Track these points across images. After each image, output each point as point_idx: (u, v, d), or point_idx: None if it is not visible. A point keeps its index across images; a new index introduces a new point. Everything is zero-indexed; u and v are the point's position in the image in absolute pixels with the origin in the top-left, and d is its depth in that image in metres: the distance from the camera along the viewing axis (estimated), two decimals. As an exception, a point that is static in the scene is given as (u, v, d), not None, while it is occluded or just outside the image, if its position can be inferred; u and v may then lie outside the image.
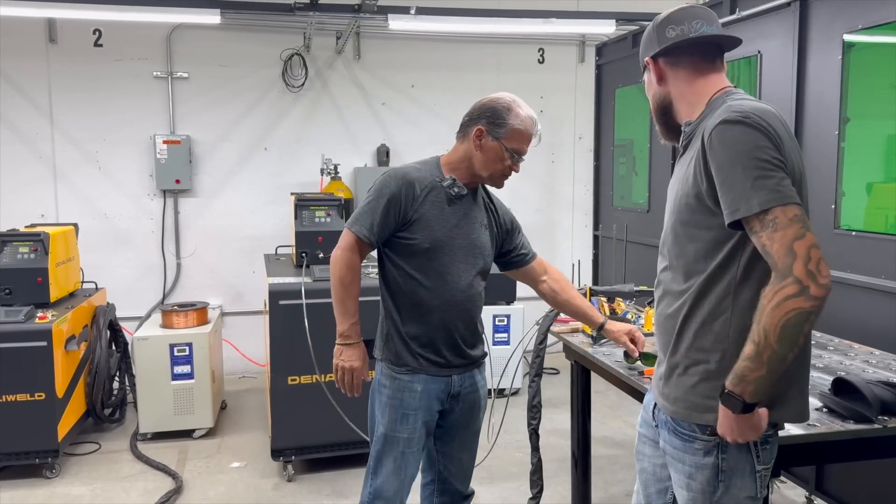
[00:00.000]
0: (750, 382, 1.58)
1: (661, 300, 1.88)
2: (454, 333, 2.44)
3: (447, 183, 2.42)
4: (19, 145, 5.72)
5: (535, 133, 2.47)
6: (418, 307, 2.39)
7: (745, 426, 1.64)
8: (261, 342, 5.23)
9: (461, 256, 2.43)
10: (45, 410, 4.06)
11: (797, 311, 1.50)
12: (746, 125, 1.59)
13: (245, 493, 3.98)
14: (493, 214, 2.61)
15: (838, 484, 3.50)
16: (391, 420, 2.40)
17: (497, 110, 2.42)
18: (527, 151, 2.49)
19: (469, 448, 2.63)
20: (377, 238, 2.37)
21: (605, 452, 4.47)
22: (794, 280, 1.50)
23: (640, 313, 3.50)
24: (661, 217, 1.94)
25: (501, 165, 2.44)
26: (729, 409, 1.63)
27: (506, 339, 5.53)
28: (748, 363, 1.58)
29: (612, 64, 5.89)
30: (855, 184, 3.54)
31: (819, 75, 3.58)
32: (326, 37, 6.12)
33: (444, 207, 2.41)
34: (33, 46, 5.69)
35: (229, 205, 6.11)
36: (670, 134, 1.94)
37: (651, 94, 1.93)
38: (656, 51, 1.86)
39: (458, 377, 2.49)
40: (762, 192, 1.55)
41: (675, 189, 1.81)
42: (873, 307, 3.27)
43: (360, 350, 2.40)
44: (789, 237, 1.52)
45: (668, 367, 1.83)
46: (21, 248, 4.30)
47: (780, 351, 1.53)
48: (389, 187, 2.36)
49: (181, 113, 5.99)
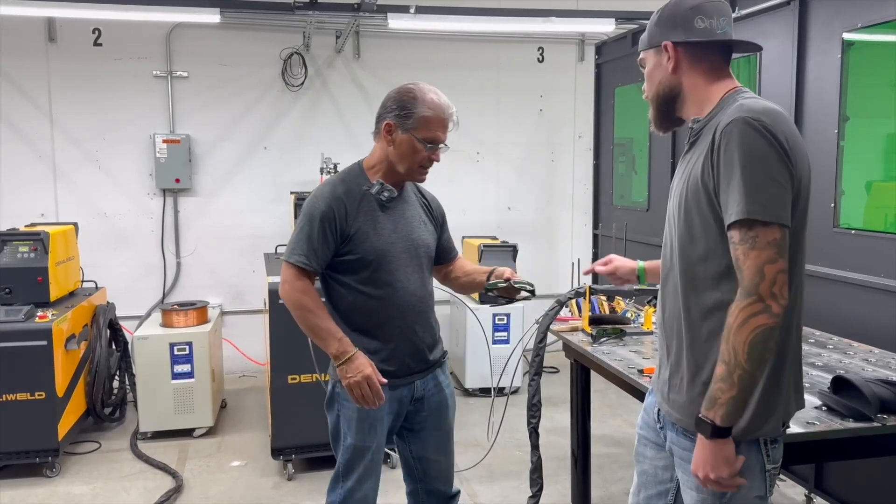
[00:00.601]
0: (721, 405, 1.61)
1: (664, 301, 1.86)
2: (413, 339, 2.39)
3: (375, 189, 2.35)
4: (19, 144, 5.72)
5: (450, 117, 2.33)
6: (371, 321, 2.33)
7: (719, 459, 1.64)
8: (261, 341, 5.23)
9: (406, 260, 2.37)
10: (46, 409, 4.07)
11: (763, 328, 1.56)
12: (756, 130, 1.59)
13: (245, 491, 3.99)
14: (427, 207, 2.55)
15: (838, 482, 3.50)
16: (359, 432, 2.36)
17: (402, 101, 2.30)
18: (444, 139, 2.36)
19: (444, 449, 2.57)
20: (319, 264, 2.29)
21: (605, 451, 4.48)
22: (757, 298, 1.56)
23: (639, 312, 3.50)
24: (660, 216, 1.93)
25: (418, 158, 2.33)
26: (701, 433, 1.65)
27: (505, 337, 5.53)
28: (720, 384, 1.61)
29: (612, 63, 5.89)
30: (854, 182, 3.54)
31: (818, 74, 3.58)
32: (326, 36, 6.12)
33: (378, 215, 2.34)
34: (33, 46, 5.69)
35: (229, 204, 6.11)
36: (665, 123, 1.90)
37: (658, 79, 1.84)
38: (683, 39, 1.77)
39: (420, 381, 2.45)
40: (753, 204, 1.57)
41: (680, 187, 1.79)
42: (873, 306, 3.27)
43: (360, 359, 2.27)
44: (762, 259, 1.57)
45: (671, 372, 1.82)
46: (21, 247, 4.31)
47: (749, 369, 1.58)
48: (319, 208, 2.29)
49: (181, 112, 5.99)
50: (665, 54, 1.80)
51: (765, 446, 1.74)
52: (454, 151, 7.25)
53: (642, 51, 1.89)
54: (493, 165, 6.67)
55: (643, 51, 1.89)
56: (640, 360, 2.86)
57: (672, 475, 1.95)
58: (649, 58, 1.86)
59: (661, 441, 1.94)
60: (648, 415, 2.01)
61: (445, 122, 2.32)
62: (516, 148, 6.71)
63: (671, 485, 1.95)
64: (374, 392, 2.26)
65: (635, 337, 3.23)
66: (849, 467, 3.41)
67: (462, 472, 4.17)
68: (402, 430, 2.52)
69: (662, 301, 1.88)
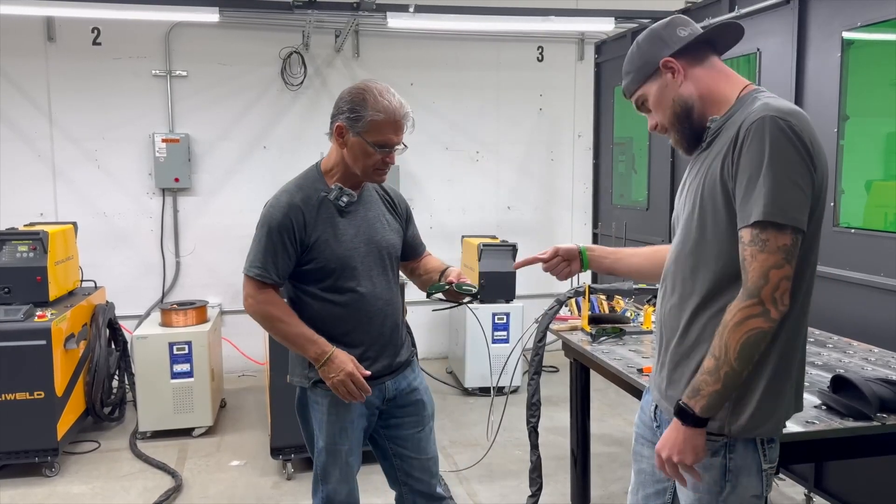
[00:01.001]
0: (704, 397, 1.64)
1: (666, 298, 1.85)
2: (382, 342, 2.36)
3: (334, 195, 2.29)
4: (18, 144, 5.72)
5: (403, 118, 2.24)
6: (339, 328, 2.28)
7: (688, 445, 1.67)
8: (260, 341, 5.22)
9: (370, 263, 2.33)
10: (45, 409, 4.06)
11: (757, 331, 1.58)
12: (782, 130, 1.57)
13: (245, 491, 3.98)
14: (390, 204, 2.49)
15: (837, 481, 3.50)
16: (330, 434, 2.34)
17: (353, 103, 2.22)
18: (398, 141, 2.28)
19: (425, 450, 2.53)
20: (280, 275, 2.26)
21: (605, 450, 4.48)
22: (758, 301, 1.58)
23: (639, 311, 3.50)
24: (660, 215, 1.93)
25: (371, 161, 2.26)
26: (679, 420, 1.67)
27: (505, 337, 5.53)
28: (706, 377, 1.64)
29: (612, 62, 5.89)
30: (854, 181, 3.54)
31: (818, 73, 3.58)
32: (325, 35, 6.11)
33: (338, 221, 2.29)
34: (32, 45, 5.68)
35: (228, 203, 6.11)
36: (693, 142, 1.82)
37: (670, 99, 1.80)
38: (675, 49, 1.77)
39: (391, 382, 2.42)
40: (771, 206, 1.56)
41: (695, 186, 1.75)
42: (872, 305, 3.27)
43: (340, 356, 2.23)
44: (769, 263, 1.57)
45: (670, 370, 1.81)
46: (20, 246, 4.30)
47: (737, 368, 1.60)
48: (276, 219, 2.24)
49: (180, 111, 5.99)
50: (668, 73, 1.78)
51: (762, 446, 1.73)
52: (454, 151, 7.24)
53: (637, 89, 1.86)
54: (492, 165, 6.67)
55: (638, 89, 1.85)
56: (640, 359, 2.86)
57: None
58: (650, 89, 1.83)
59: (658, 439, 1.93)
60: (645, 413, 2.01)
61: (398, 124, 2.24)
62: (516, 147, 6.71)
63: (668, 483, 1.95)
64: (359, 386, 2.24)
65: (635, 336, 3.23)
66: (848, 466, 3.41)
67: (462, 471, 4.17)
68: (380, 430, 2.49)
69: (663, 299, 1.87)
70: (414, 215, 2.68)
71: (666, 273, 1.89)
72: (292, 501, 3.85)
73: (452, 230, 6.42)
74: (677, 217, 1.87)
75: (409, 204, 2.62)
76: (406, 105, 2.27)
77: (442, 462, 4.30)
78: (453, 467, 4.24)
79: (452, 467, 4.24)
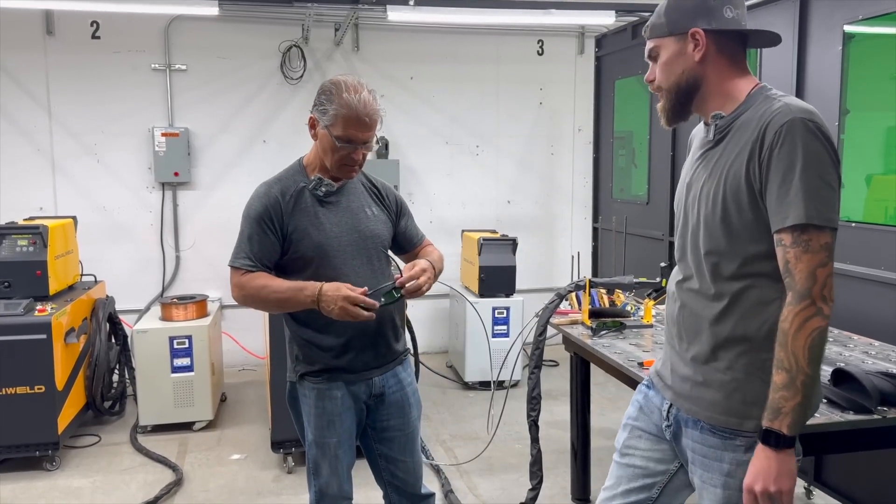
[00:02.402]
0: (787, 414, 1.58)
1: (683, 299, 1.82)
2: (366, 333, 2.33)
3: (312, 184, 2.30)
4: (17, 138, 5.71)
5: (369, 116, 2.20)
6: (322, 318, 2.24)
7: (783, 470, 1.59)
8: (261, 335, 5.22)
9: (352, 253, 2.31)
10: (45, 403, 4.06)
11: (818, 330, 1.57)
12: (812, 132, 1.57)
13: (245, 485, 3.99)
14: (378, 196, 2.47)
15: (838, 475, 3.51)
16: (317, 428, 2.34)
17: (323, 95, 2.23)
18: (364, 139, 2.24)
19: (410, 450, 2.51)
20: (264, 261, 2.27)
21: (605, 444, 4.48)
22: (811, 301, 1.57)
23: (639, 305, 3.50)
24: (660, 209, 1.91)
25: (337, 156, 2.24)
26: (768, 446, 1.60)
27: (505, 331, 5.53)
28: (783, 392, 1.58)
29: (612, 55, 5.87)
30: (854, 175, 3.53)
31: (819, 66, 3.57)
32: (325, 28, 6.09)
33: (317, 210, 2.29)
34: (31, 38, 5.66)
35: (228, 197, 6.09)
36: (678, 117, 1.81)
37: (681, 68, 1.74)
38: (715, 27, 1.70)
39: (378, 378, 2.40)
40: (810, 208, 1.56)
41: (714, 184, 1.71)
42: (873, 298, 3.27)
43: (329, 287, 2.17)
44: (815, 263, 1.57)
45: (694, 370, 1.78)
46: (20, 240, 4.30)
47: (811, 373, 1.57)
48: (255, 209, 2.27)
49: (179, 105, 5.98)
50: (691, 42, 1.72)
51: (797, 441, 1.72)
52: (454, 145, 7.24)
53: (656, 38, 1.78)
54: (492, 159, 6.66)
55: (657, 38, 1.78)
56: (640, 352, 2.86)
57: (666, 469, 1.93)
58: (668, 45, 1.76)
59: (662, 436, 1.92)
60: (652, 411, 1.96)
61: (361, 121, 2.20)
62: (516, 141, 6.70)
63: (661, 478, 1.93)
64: (363, 304, 2.15)
65: (635, 330, 3.23)
66: (849, 460, 3.41)
67: (462, 464, 4.18)
68: (367, 428, 2.48)
69: (681, 301, 1.84)
70: (414, 210, 2.67)
71: (682, 273, 1.86)
72: (293, 495, 3.86)
73: (452, 224, 6.42)
74: (686, 210, 1.84)
75: (400, 195, 2.59)
76: (376, 103, 2.24)
77: (442, 456, 4.32)
78: (454, 461, 4.25)
79: (453, 461, 4.25)
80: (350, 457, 2.44)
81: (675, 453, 1.91)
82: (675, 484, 1.94)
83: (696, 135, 1.93)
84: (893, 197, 3.47)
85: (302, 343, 2.35)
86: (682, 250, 1.85)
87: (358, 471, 2.51)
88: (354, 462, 2.47)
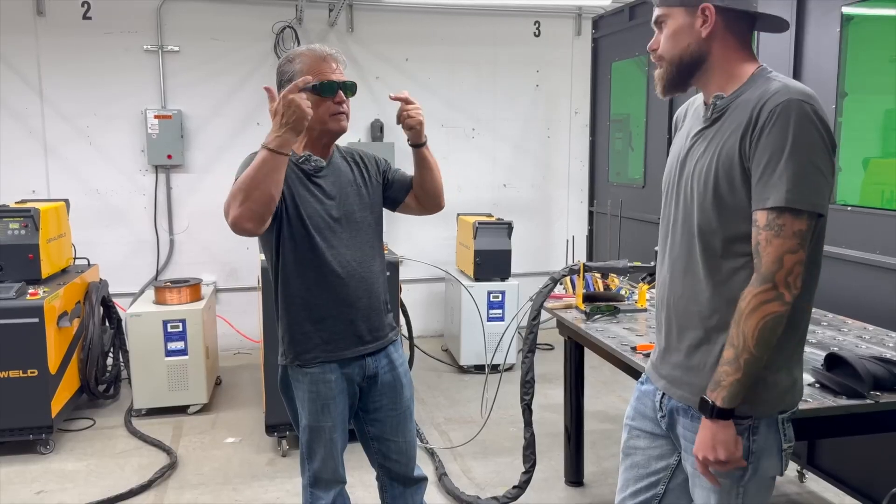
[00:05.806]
0: (724, 387, 1.63)
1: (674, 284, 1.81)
2: (358, 315, 2.33)
3: (301, 159, 2.30)
4: (9, 120, 5.65)
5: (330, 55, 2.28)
6: (310, 299, 2.27)
7: (718, 440, 1.65)
8: (255, 318, 5.22)
9: (338, 230, 2.32)
10: (39, 387, 4.05)
11: (773, 315, 1.58)
12: (807, 114, 1.56)
13: (239, 468, 4.00)
14: (363, 168, 2.49)
15: (830, 459, 3.52)
16: (312, 412, 2.34)
17: (282, 66, 2.34)
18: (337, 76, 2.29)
19: (402, 430, 2.51)
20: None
21: (598, 427, 4.50)
22: (772, 286, 1.58)
23: (633, 289, 3.49)
24: (656, 192, 1.88)
25: (323, 107, 2.26)
26: (703, 413, 1.67)
27: (500, 315, 5.53)
28: (726, 367, 1.63)
29: (609, 37, 5.82)
30: (851, 159, 3.51)
31: (817, 49, 3.54)
32: (319, 9, 6.03)
33: (306, 186, 2.29)
34: (21, 19, 5.59)
35: (222, 181, 5.99)
36: (675, 89, 1.78)
37: (687, 42, 1.71)
38: (728, 5, 1.67)
39: (371, 358, 2.40)
40: (792, 192, 1.54)
41: (706, 163, 1.70)
42: (868, 282, 3.27)
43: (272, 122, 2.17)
44: (784, 248, 1.57)
45: (685, 355, 1.78)
46: (11, 223, 4.26)
47: (756, 354, 1.60)
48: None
49: (172, 87, 5.92)
50: (700, 17, 1.69)
51: (782, 426, 1.72)
52: (449, 128, 7.18)
53: (668, 6, 1.74)
54: (488, 142, 6.62)
55: (666, 7, 1.74)
56: (634, 337, 2.86)
57: (667, 464, 1.92)
58: (675, 16, 1.72)
59: (659, 430, 1.91)
60: (646, 404, 1.95)
61: (327, 61, 2.28)
62: (512, 124, 6.66)
63: (664, 474, 1.92)
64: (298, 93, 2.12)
65: (629, 314, 3.23)
66: (842, 444, 3.43)
67: (456, 447, 4.19)
68: (359, 410, 2.48)
69: (672, 284, 1.82)
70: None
71: (672, 256, 1.84)
72: (287, 478, 3.86)
73: (448, 208, 6.25)
74: (679, 187, 1.81)
75: (378, 155, 2.63)
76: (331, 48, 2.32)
77: (437, 439, 4.33)
78: (448, 444, 4.25)
79: (447, 444, 4.26)
80: (344, 440, 2.44)
81: (673, 447, 1.90)
82: (679, 479, 1.92)
83: (684, 114, 1.93)
84: (890, 181, 3.45)
85: (293, 324, 2.34)
86: (673, 228, 1.84)
87: (352, 454, 2.51)
88: (347, 445, 2.47)
